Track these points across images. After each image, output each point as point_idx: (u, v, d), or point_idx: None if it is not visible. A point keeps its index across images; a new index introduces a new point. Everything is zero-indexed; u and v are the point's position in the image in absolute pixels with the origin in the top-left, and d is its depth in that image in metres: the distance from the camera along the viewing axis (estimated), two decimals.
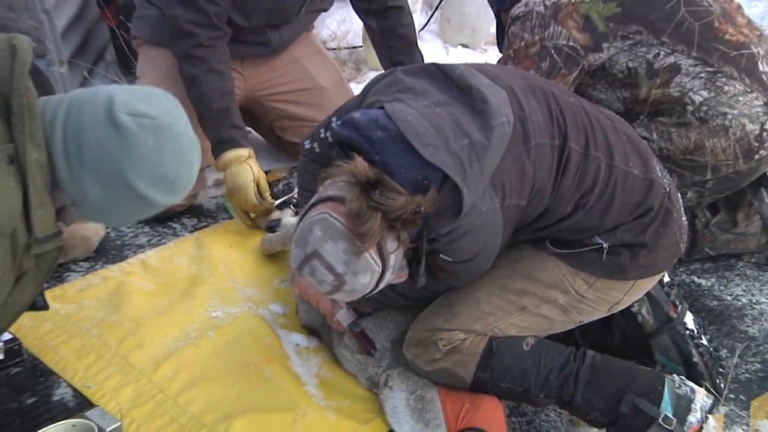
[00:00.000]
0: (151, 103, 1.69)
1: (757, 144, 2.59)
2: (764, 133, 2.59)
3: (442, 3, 4.14)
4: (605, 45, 2.55)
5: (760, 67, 2.59)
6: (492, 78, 1.93)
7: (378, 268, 1.81)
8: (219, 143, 2.84)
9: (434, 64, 2.01)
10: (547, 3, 2.57)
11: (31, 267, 1.68)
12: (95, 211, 1.76)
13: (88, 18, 3.79)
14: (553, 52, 2.56)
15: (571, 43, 2.55)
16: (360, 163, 1.75)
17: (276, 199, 2.96)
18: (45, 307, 2.29)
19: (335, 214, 1.75)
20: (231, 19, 2.90)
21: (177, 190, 1.76)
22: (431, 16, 4.97)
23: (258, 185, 2.86)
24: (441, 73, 1.96)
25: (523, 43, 2.59)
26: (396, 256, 1.84)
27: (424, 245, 1.88)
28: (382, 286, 1.87)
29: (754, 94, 2.57)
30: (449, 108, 1.86)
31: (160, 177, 1.70)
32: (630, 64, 2.56)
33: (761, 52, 2.61)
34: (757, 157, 2.61)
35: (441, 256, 1.95)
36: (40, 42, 3.38)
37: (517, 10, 2.64)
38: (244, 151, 2.84)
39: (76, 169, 1.66)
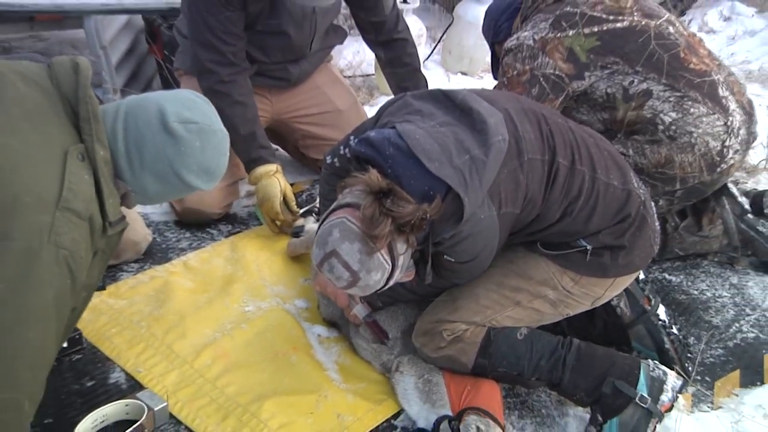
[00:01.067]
0: (193, 109, 1.77)
1: (718, 158, 2.59)
2: (725, 149, 2.59)
3: (444, 36, 4.15)
4: (587, 74, 2.56)
5: (720, 92, 2.59)
6: (490, 101, 1.93)
7: (388, 266, 1.81)
8: (249, 162, 2.87)
9: (439, 89, 2.01)
10: (536, 37, 2.57)
11: (101, 248, 1.70)
12: (151, 198, 1.86)
13: (138, 52, 3.81)
14: (541, 79, 2.56)
15: (557, 72, 2.56)
16: (374, 175, 1.75)
17: (300, 208, 2.96)
18: (103, 287, 2.48)
19: (352, 218, 1.76)
20: (252, 55, 2.92)
21: (216, 177, 1.87)
22: (434, 48, 4.97)
23: (284, 196, 2.86)
24: (445, 98, 1.96)
25: (515, 72, 2.59)
26: (404, 257, 1.84)
27: (430, 248, 1.88)
28: (392, 283, 1.87)
29: (716, 116, 2.56)
30: (453, 128, 1.86)
31: (204, 169, 1.81)
32: (608, 90, 2.56)
33: (720, 79, 2.61)
34: (719, 170, 2.62)
35: (445, 257, 1.95)
36: (97, 73, 3.41)
37: (510, 43, 2.65)
38: (272, 167, 2.86)
39: (137, 169, 1.75)
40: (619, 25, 2.56)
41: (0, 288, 1.45)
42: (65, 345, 2.27)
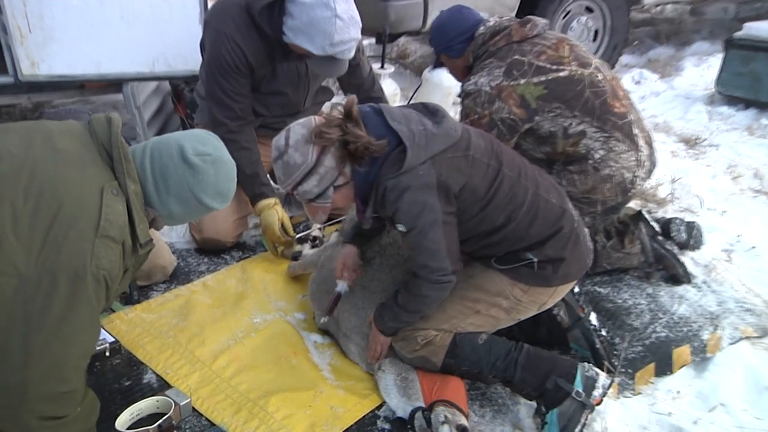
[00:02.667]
0: (207, 144, 1.79)
1: (630, 186, 2.62)
2: (635, 178, 2.62)
3: (414, 95, 4.18)
4: (536, 117, 2.53)
5: (634, 131, 2.60)
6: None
7: (310, 161, 1.92)
8: (254, 196, 2.88)
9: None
10: (492, 84, 2.53)
11: (131, 265, 1.71)
12: (176, 220, 1.86)
13: (166, 111, 3.81)
14: (499, 123, 2.54)
15: (512, 117, 2.53)
16: (351, 101, 1.92)
17: (297, 235, 2.96)
18: (137, 301, 2.54)
19: (318, 118, 1.93)
20: (257, 111, 2.94)
21: (228, 198, 1.87)
22: (408, 102, 4.98)
23: (282, 223, 2.86)
24: (421, 105, 2.08)
25: (476, 116, 2.56)
26: (327, 173, 1.93)
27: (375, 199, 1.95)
28: (306, 184, 1.95)
29: (631, 152, 2.58)
30: (419, 114, 2.00)
31: (218, 192, 1.81)
32: (551, 129, 2.55)
33: (634, 119, 2.63)
34: (629, 194, 2.66)
35: (397, 227, 1.95)
36: (131, 128, 3.42)
37: (468, 87, 2.60)
38: (271, 200, 2.87)
39: (164, 196, 1.75)
40: (561, 74, 2.54)
41: (58, 308, 1.48)
42: (107, 354, 2.27)
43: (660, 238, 2.88)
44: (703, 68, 5.43)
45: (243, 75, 2.76)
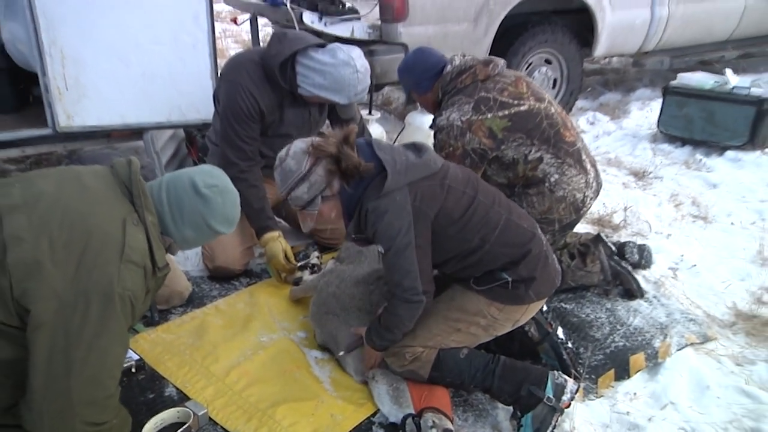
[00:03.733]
0: (214, 177, 1.82)
1: (581, 205, 2.66)
2: (585, 198, 2.65)
3: (398, 137, 4.21)
4: (502, 147, 2.55)
5: (582, 157, 2.64)
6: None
7: (303, 170, 1.95)
8: (259, 229, 2.87)
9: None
10: (463, 119, 2.53)
11: (151, 287, 1.71)
12: (190, 244, 1.86)
13: (180, 155, 3.80)
14: (471, 153, 2.55)
15: (481, 146, 2.54)
16: (350, 130, 1.95)
17: (298, 263, 2.95)
18: (157, 321, 2.54)
19: (318, 138, 1.97)
20: (263, 152, 2.93)
21: (234, 223, 1.88)
22: (394, 142, 5.00)
23: (285, 253, 2.86)
24: (410, 143, 2.10)
25: (450, 149, 2.56)
26: (317, 182, 1.96)
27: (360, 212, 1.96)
28: (298, 190, 1.97)
29: (581, 176, 2.61)
30: (405, 149, 2.03)
31: (226, 218, 1.83)
32: (514, 156, 2.57)
33: (581, 146, 2.67)
34: (581, 212, 2.69)
35: (378, 248, 1.96)
36: (151, 171, 3.41)
37: (441, 122, 2.59)
38: (275, 233, 2.86)
39: (179, 224, 1.76)
40: (522, 108, 2.56)
41: (93, 324, 1.51)
42: (133, 370, 2.25)
43: (616, 258, 2.90)
44: (646, 111, 5.51)
45: (255, 121, 2.79)
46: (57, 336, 1.48)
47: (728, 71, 4.70)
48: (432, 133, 2.72)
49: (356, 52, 2.72)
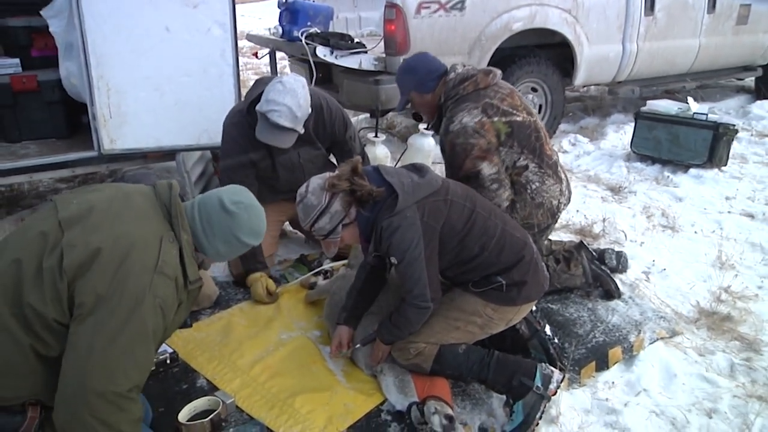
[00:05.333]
0: (239, 194, 1.79)
1: (557, 210, 2.68)
2: (560, 204, 2.68)
3: (401, 158, 4.23)
4: (502, 148, 2.54)
5: (558, 168, 2.67)
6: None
7: (323, 203, 1.95)
8: (247, 271, 2.83)
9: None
10: (475, 120, 2.49)
11: (184, 300, 1.71)
12: (223, 257, 1.83)
13: (208, 174, 3.82)
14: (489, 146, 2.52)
15: (490, 144, 2.51)
16: (356, 161, 1.98)
17: (310, 271, 2.97)
18: (189, 326, 2.48)
19: (331, 173, 1.99)
20: (261, 195, 2.83)
21: (261, 235, 1.83)
22: (396, 163, 5.01)
23: (267, 287, 2.78)
24: (410, 165, 2.12)
25: (476, 148, 2.49)
26: (336, 212, 1.96)
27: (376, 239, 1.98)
28: (321, 221, 1.97)
29: (557, 185, 2.63)
30: (407, 171, 2.04)
31: (252, 231, 1.79)
32: (504, 160, 2.56)
33: (557, 159, 2.70)
34: (556, 217, 2.73)
35: (390, 259, 1.97)
36: (182, 187, 3.43)
37: (455, 127, 2.51)
38: (257, 275, 2.79)
39: (211, 239, 1.75)
40: (518, 118, 2.56)
41: (118, 319, 1.49)
42: (168, 362, 2.26)
43: (596, 263, 2.90)
44: (620, 134, 5.53)
45: (248, 169, 2.83)
46: (88, 325, 1.47)
47: (690, 99, 4.78)
48: (431, 152, 2.72)
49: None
